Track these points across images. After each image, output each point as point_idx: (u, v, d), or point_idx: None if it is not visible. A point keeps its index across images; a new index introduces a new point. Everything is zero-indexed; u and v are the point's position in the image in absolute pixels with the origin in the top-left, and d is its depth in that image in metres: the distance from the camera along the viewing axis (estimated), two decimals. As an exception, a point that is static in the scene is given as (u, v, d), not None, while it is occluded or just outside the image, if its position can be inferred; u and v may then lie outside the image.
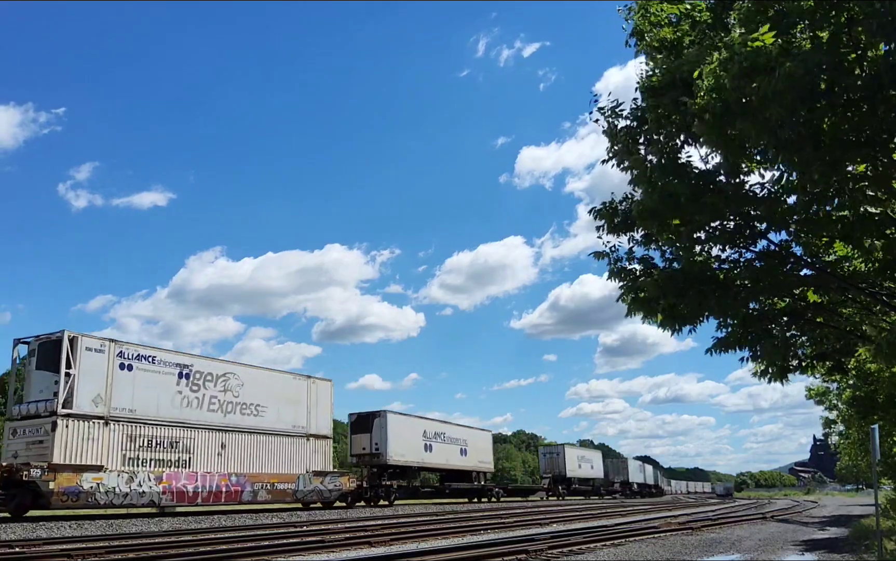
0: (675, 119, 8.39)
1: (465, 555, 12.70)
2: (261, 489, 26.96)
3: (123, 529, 18.15)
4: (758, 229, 9.92)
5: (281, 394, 29.48)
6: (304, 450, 30.10)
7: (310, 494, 29.39)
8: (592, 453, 73.84)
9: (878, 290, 10.54)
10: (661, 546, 15.51)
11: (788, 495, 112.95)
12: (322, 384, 32.14)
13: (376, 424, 36.46)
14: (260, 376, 29.05)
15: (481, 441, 48.26)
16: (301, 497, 29.12)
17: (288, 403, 29.72)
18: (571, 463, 61.42)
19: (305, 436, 30.30)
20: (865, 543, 15.87)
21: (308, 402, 30.78)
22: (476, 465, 46.09)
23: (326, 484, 30.22)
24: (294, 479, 28.63)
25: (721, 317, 10.76)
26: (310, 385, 31.23)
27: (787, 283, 10.41)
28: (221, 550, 13.12)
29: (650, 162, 9.09)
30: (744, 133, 7.48)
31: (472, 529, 19.41)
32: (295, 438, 29.70)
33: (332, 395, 32.58)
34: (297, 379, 31.04)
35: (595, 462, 69.30)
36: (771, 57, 6.78)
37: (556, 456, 61.38)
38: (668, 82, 8.38)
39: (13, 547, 13.48)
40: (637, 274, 10.39)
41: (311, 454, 30.32)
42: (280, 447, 28.86)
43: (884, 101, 6.95)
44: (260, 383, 28.63)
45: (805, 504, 56.47)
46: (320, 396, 31.71)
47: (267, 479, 27.43)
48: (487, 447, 48.98)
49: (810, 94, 6.88)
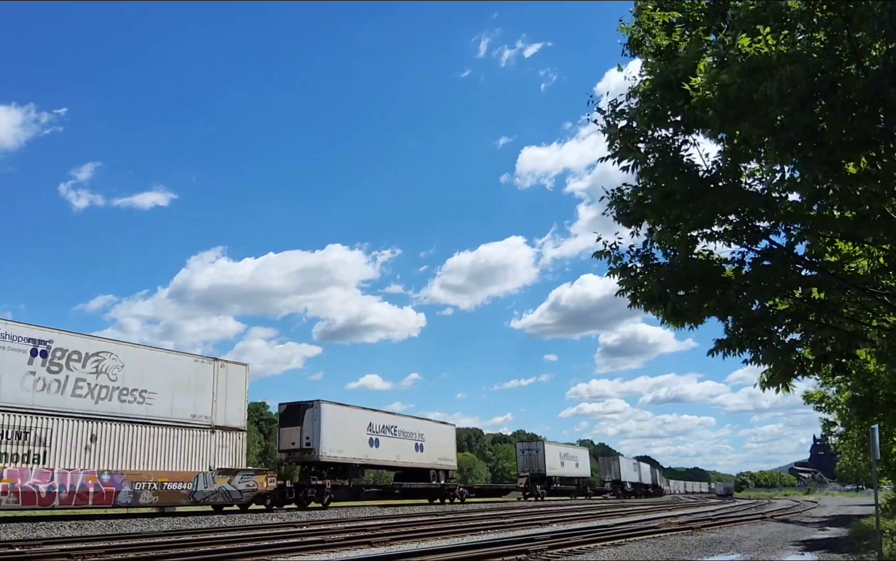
0: (672, 117, 8.41)
1: (465, 555, 12.70)
2: (144, 490, 22.68)
3: (123, 529, 18.16)
4: (758, 228, 9.93)
5: (177, 378, 25.17)
6: (209, 444, 25.69)
7: (212, 495, 25.26)
8: (578, 450, 69.24)
9: (878, 290, 10.54)
10: (662, 546, 15.52)
11: (788, 495, 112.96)
12: (234, 369, 27.88)
13: (308, 416, 32.00)
14: (147, 357, 24.63)
15: (441, 436, 43.20)
16: (201, 499, 24.97)
17: (187, 390, 25.38)
18: (552, 460, 56.99)
19: (210, 428, 25.83)
20: (865, 543, 15.87)
21: (214, 388, 26.35)
22: (435, 462, 41.23)
23: (236, 484, 26.04)
24: (191, 477, 24.37)
25: (722, 316, 10.76)
26: (217, 369, 26.83)
27: (788, 282, 10.41)
28: (221, 550, 13.12)
29: (651, 159, 9.12)
30: (745, 132, 7.51)
31: (472, 529, 19.41)
32: (195, 430, 25.27)
33: (247, 381, 28.32)
34: (199, 362, 26.54)
35: (581, 460, 65.27)
36: (773, 58, 6.80)
37: (534, 452, 56.53)
38: (664, 84, 8.40)
39: (13, 547, 13.48)
40: (637, 270, 10.41)
41: (217, 449, 25.98)
42: (174, 441, 24.43)
43: (884, 101, 6.96)
44: (147, 365, 24.24)
45: (805, 504, 56.49)
46: (231, 383, 27.27)
47: (153, 477, 23.05)
48: (449, 443, 44.04)
49: (811, 95, 6.89)
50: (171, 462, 24.20)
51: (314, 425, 31.71)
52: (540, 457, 55.75)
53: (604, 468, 73.91)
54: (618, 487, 71.19)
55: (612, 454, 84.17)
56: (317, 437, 31.47)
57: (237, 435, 27.12)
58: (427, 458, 40.37)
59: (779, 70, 6.76)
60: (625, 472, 73.84)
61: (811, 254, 10.84)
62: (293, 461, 31.87)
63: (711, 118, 7.61)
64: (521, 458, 57.81)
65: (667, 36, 9.04)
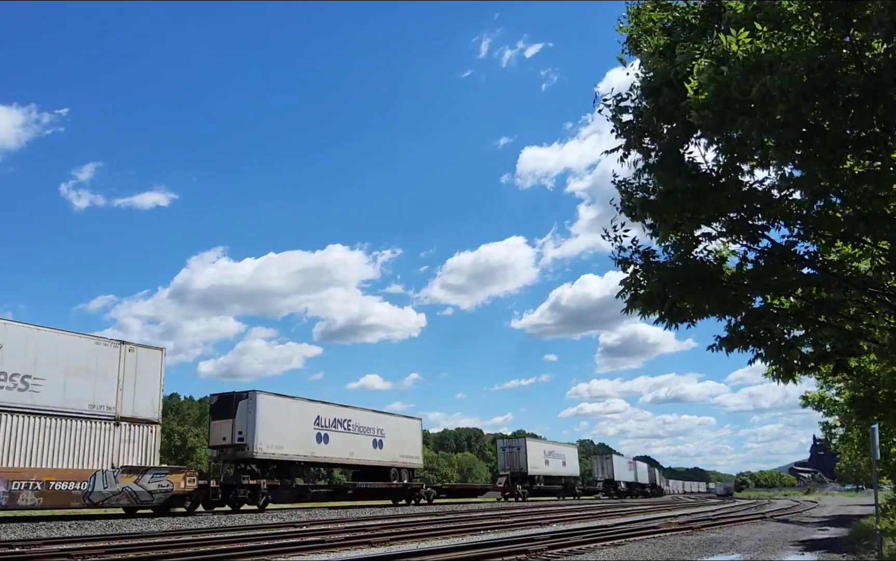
0: (673, 114, 8.42)
1: (465, 555, 12.70)
2: (24, 490, 19.64)
3: (123, 529, 18.16)
4: (759, 227, 9.94)
5: (72, 363, 22.12)
6: (111, 439, 22.77)
7: (115, 496, 22.07)
8: (565, 448, 63.17)
9: (879, 289, 10.55)
10: (662, 546, 15.52)
11: (788, 495, 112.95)
12: (146, 354, 24.66)
13: (241, 408, 28.49)
14: (33, 338, 21.34)
15: (405, 431, 39.31)
16: (99, 501, 21.56)
17: (84, 376, 22.33)
18: (535, 458, 53.24)
19: (114, 420, 22.88)
20: (865, 543, 15.87)
21: (121, 376, 23.39)
22: (395, 460, 37.45)
23: (145, 484, 22.87)
24: (86, 476, 21.32)
25: (721, 314, 10.77)
26: (124, 353, 23.76)
27: (789, 281, 10.42)
28: (221, 550, 13.12)
29: (654, 156, 9.14)
30: (745, 129, 7.52)
31: (472, 529, 19.42)
32: (95, 421, 22.32)
33: (163, 368, 25.10)
34: (102, 344, 23.41)
35: (568, 458, 61.05)
36: (773, 54, 6.81)
37: (516, 450, 52.55)
38: (664, 83, 8.42)
39: (13, 547, 13.48)
40: (637, 268, 10.43)
41: (123, 444, 23.11)
42: (66, 434, 21.44)
43: (885, 100, 6.96)
44: (33, 347, 21.16)
45: (805, 504, 56.49)
46: (142, 370, 24.12)
47: (37, 475, 20.07)
48: (414, 439, 40.18)
49: (811, 92, 6.90)
50: (61, 458, 21.23)
51: (248, 418, 28.38)
52: (522, 455, 51.96)
53: (596, 467, 71.13)
54: (611, 486, 68.22)
55: (606, 452, 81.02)
56: (251, 431, 28.20)
57: (149, 428, 24.05)
58: (386, 455, 36.81)
59: (779, 66, 6.77)
60: (619, 471, 71.27)
61: (812, 253, 10.85)
62: (224, 459, 28.95)
63: (708, 118, 7.63)
64: (502, 456, 54.35)
65: (665, 35, 9.05)
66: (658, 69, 8.50)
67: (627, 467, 76.05)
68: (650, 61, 8.87)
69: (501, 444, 56.72)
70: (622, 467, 73.62)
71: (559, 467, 58.48)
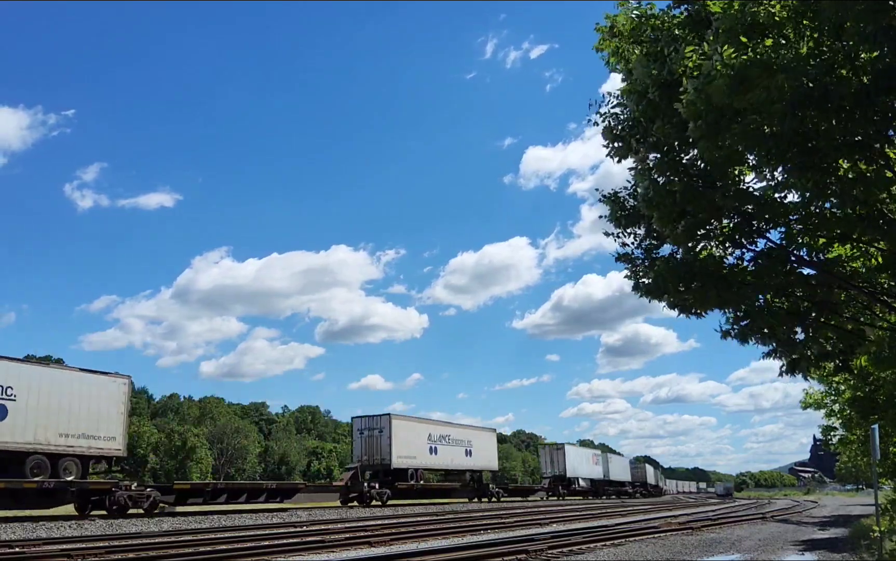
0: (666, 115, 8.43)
1: (465, 555, 12.70)
2: None
3: (123, 529, 18.16)
4: (757, 228, 9.96)
5: None
6: None
7: None
8: (473, 433, 47.88)
9: (877, 289, 10.55)
10: (662, 546, 15.52)
11: (788, 495, 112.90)
12: None
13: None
14: None
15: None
16: None
17: None
18: (408, 445, 38.81)
19: None
20: (865, 543, 15.87)
21: None
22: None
23: None
24: None
25: (723, 309, 10.81)
26: None
27: (787, 281, 10.43)
28: (221, 550, 13.12)
29: (651, 160, 9.15)
30: (734, 141, 7.57)
31: (472, 529, 19.41)
32: None
33: None
34: None
35: (480, 446, 47.30)
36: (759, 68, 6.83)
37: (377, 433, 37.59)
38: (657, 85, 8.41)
39: (13, 547, 13.48)
40: (640, 261, 10.47)
41: None
42: None
43: (875, 105, 7.00)
44: None
45: (805, 504, 56.47)
46: None
47: None
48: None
49: (802, 101, 6.95)
50: None
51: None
52: (385, 440, 37.72)
53: (545, 461, 57.51)
54: (560, 484, 54.48)
55: (556, 445, 61.25)
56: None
57: None
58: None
59: (766, 79, 6.78)
60: (573, 466, 56.63)
61: (810, 253, 10.86)
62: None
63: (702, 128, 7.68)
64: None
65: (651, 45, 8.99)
66: (648, 74, 8.46)
67: (589, 462, 62.42)
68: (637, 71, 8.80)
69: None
70: (581, 461, 59.68)
71: (462, 459, 54.56)
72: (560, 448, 57.75)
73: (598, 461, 65.08)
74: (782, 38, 7.32)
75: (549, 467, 55.75)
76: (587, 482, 59.98)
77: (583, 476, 58.84)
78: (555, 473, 54.82)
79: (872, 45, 6.60)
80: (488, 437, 49.48)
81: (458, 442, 44.72)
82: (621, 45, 9.21)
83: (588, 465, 61.18)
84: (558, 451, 57.08)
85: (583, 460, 60.39)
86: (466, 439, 45.87)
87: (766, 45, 7.17)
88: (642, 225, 10.04)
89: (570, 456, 56.87)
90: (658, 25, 9.08)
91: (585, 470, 60.02)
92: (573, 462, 56.73)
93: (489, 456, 48.19)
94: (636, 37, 9.02)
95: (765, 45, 7.15)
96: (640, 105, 8.70)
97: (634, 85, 8.73)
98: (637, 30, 9.12)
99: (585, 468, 60.13)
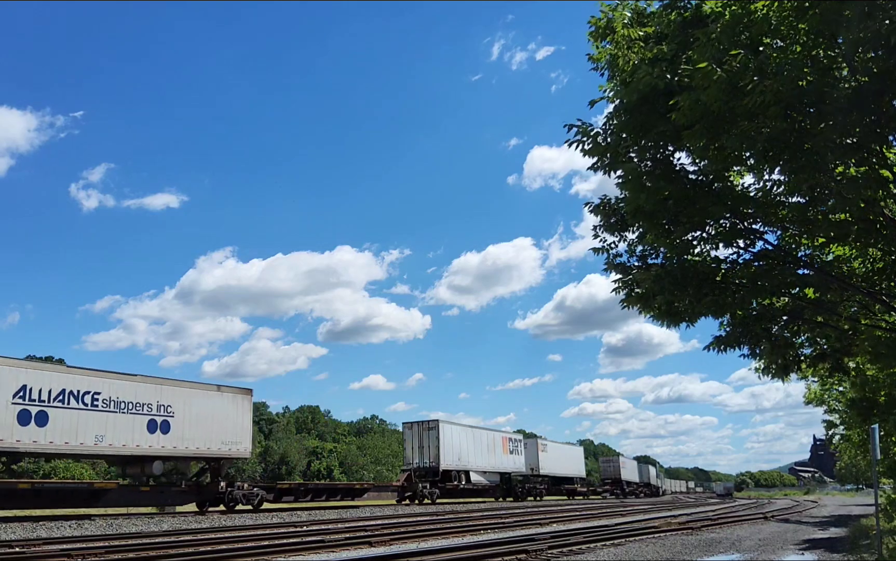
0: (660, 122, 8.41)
1: (465, 555, 12.71)
2: None
3: (123, 529, 18.16)
4: (754, 230, 9.95)
5: None
6: None
7: None
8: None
9: (876, 290, 10.55)
10: (662, 546, 15.52)
11: (788, 495, 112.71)
12: None
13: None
14: None
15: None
16: None
17: None
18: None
19: None
20: (865, 543, 15.87)
21: None
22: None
23: None
24: None
25: (717, 315, 10.79)
26: None
27: (784, 283, 10.43)
28: (221, 550, 13.13)
29: (643, 167, 9.11)
30: (729, 146, 7.59)
31: (472, 529, 19.41)
32: None
33: None
34: None
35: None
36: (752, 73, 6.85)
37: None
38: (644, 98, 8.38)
39: (13, 547, 13.49)
40: (633, 269, 10.44)
41: None
42: None
43: (872, 108, 7.01)
44: None
45: (805, 504, 56.43)
46: None
47: None
48: None
49: (797, 103, 6.96)
50: None
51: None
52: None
53: (420, 445, 40.25)
54: (438, 478, 39.24)
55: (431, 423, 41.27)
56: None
57: None
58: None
59: (760, 84, 6.79)
60: (461, 456, 41.23)
61: (808, 255, 10.86)
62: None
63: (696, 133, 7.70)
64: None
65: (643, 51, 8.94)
66: (644, 79, 8.41)
67: (484, 449, 44.42)
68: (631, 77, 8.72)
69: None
70: (466, 450, 42.35)
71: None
72: (434, 428, 40.08)
73: (518, 449, 48.99)
74: (778, 40, 7.33)
75: (420, 459, 39.98)
76: (483, 476, 43.87)
77: (476, 469, 42.83)
78: (427, 464, 39.56)
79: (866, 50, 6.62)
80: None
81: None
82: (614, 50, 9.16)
83: (484, 453, 44.30)
84: (430, 431, 40.14)
85: (476, 449, 43.56)
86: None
87: (765, 43, 7.16)
88: (636, 229, 10.00)
89: (460, 441, 41.88)
90: (651, 32, 9.03)
91: (484, 461, 44.09)
92: (454, 448, 41.03)
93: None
94: (629, 43, 8.97)
95: (762, 42, 7.15)
96: (633, 111, 8.65)
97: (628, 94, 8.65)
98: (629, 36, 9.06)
99: (481, 459, 43.78)
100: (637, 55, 8.66)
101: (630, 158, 9.10)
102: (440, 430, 40.68)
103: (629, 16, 9.14)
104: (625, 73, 8.70)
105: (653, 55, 8.54)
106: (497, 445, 48.06)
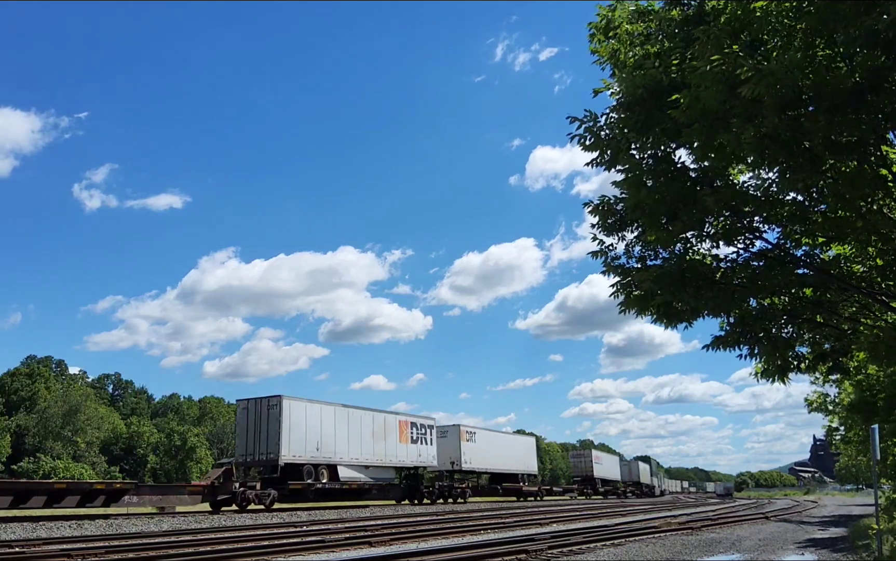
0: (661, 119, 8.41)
1: (465, 555, 12.71)
2: None
3: (123, 529, 18.15)
4: (753, 228, 9.94)
5: None
6: None
7: None
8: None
9: (876, 289, 10.54)
10: (662, 546, 15.52)
11: (788, 495, 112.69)
12: None
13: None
14: None
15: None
16: None
17: None
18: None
19: None
20: (865, 543, 15.87)
21: None
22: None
23: None
24: None
25: (717, 314, 10.77)
26: None
27: (785, 282, 10.41)
28: (221, 550, 13.13)
29: (644, 163, 9.11)
30: (728, 145, 7.60)
31: (472, 529, 19.41)
32: None
33: None
34: None
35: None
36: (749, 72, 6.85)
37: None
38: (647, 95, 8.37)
39: (13, 547, 13.47)
40: (632, 271, 10.42)
41: None
42: None
43: (868, 105, 7.01)
44: None
45: (805, 504, 56.45)
46: None
47: None
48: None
49: (795, 102, 6.96)
50: None
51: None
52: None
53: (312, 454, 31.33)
54: None
55: None
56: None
57: None
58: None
59: (757, 82, 6.79)
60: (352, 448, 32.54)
61: (808, 253, 10.85)
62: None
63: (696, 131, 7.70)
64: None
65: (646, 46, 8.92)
66: (645, 76, 8.40)
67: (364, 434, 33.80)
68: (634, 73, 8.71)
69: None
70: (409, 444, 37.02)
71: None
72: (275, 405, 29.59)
73: (427, 437, 39.10)
74: (776, 38, 7.33)
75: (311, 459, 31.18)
76: (363, 472, 34.67)
77: (349, 462, 33.14)
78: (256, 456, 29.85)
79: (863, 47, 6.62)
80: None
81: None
82: (616, 45, 9.16)
83: (366, 442, 34.06)
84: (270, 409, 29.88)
85: (348, 431, 33.06)
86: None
87: (764, 42, 7.17)
88: (635, 227, 9.98)
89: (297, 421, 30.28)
90: (654, 28, 9.03)
91: (361, 451, 33.67)
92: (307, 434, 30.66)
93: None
94: (632, 39, 8.96)
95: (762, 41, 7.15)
96: (634, 110, 8.65)
97: (630, 90, 8.65)
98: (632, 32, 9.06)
99: (359, 448, 33.53)
100: (640, 51, 8.66)
101: (631, 155, 9.10)
102: (282, 408, 29.09)
103: (631, 10, 9.15)
104: (627, 68, 8.70)
105: (655, 51, 8.54)
106: (390, 431, 35.62)
